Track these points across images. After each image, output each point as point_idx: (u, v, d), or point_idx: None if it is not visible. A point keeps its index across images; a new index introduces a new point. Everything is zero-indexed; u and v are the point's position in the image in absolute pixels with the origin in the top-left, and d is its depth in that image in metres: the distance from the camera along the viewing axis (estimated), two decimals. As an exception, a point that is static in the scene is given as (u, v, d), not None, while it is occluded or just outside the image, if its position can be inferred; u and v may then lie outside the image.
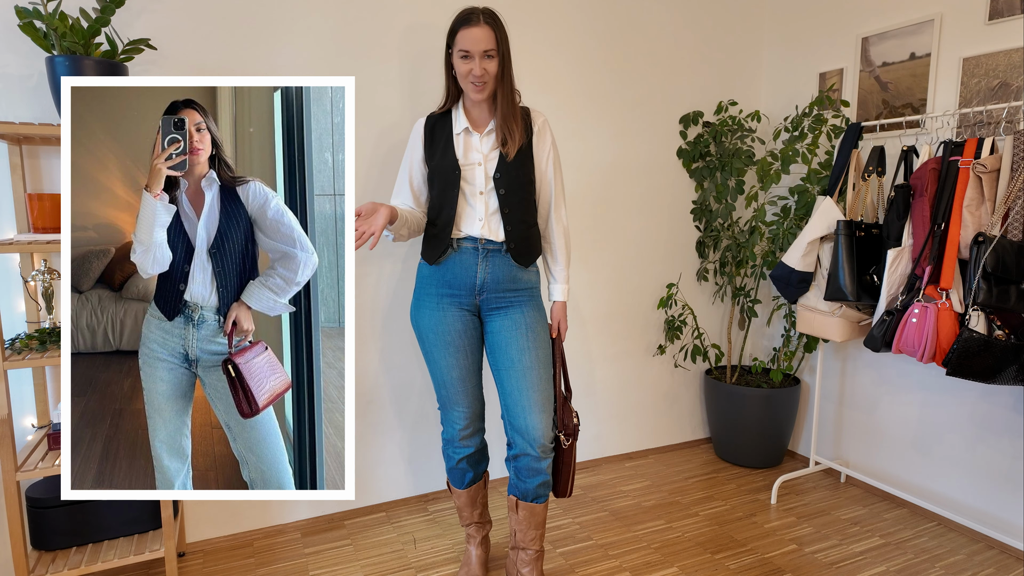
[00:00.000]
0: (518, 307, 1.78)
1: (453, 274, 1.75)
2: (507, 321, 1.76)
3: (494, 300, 1.77)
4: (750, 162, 2.65)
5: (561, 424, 1.84)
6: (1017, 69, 1.98)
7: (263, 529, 2.24)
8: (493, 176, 1.72)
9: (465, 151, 1.74)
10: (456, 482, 1.91)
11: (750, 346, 3.08)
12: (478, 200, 1.73)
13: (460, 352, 1.78)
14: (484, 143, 1.74)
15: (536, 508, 1.81)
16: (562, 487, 1.88)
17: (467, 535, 1.99)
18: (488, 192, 1.73)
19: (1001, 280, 1.76)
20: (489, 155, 1.73)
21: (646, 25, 2.65)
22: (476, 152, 1.74)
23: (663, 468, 2.79)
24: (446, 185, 1.73)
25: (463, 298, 1.77)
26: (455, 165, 1.72)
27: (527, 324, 1.76)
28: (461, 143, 1.74)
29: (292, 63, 2.06)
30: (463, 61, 1.65)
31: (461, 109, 1.76)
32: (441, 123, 1.78)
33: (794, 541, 2.18)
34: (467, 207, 1.74)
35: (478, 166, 1.73)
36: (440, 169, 1.74)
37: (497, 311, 1.78)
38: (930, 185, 1.95)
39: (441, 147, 1.75)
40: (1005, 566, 2.03)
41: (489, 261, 1.74)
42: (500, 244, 1.75)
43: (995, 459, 2.12)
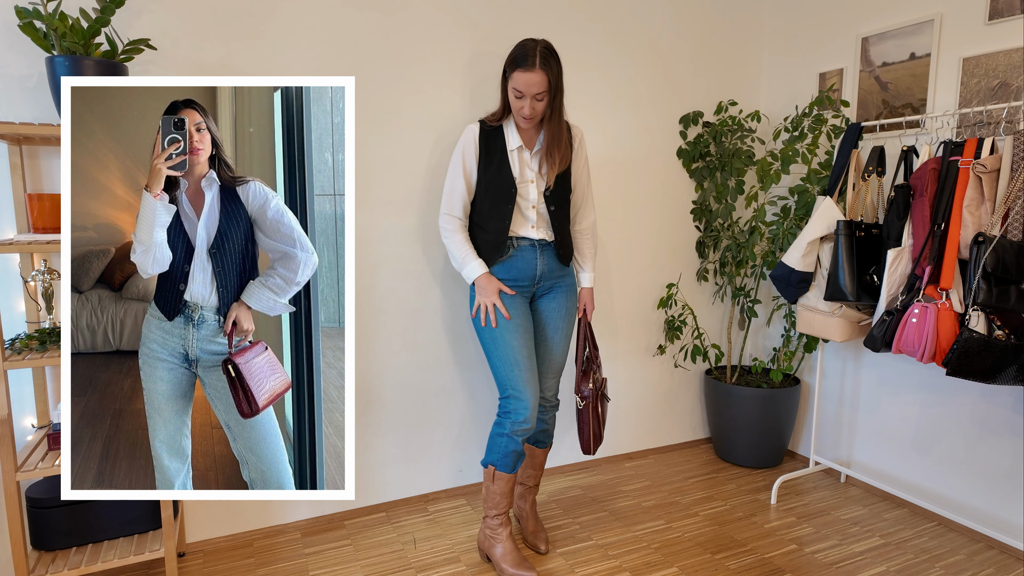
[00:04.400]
0: (562, 293, 2.05)
1: (518, 269, 1.96)
2: (554, 304, 2.04)
3: (547, 287, 2.03)
4: (750, 162, 2.65)
5: (577, 389, 2.09)
6: (1017, 69, 1.98)
7: (263, 529, 2.24)
8: (544, 193, 1.93)
9: (520, 169, 1.92)
10: (507, 467, 1.92)
11: (750, 346, 3.08)
12: (531, 212, 1.94)
13: (528, 334, 1.97)
14: (534, 161, 1.93)
15: (535, 451, 2.13)
16: (584, 444, 2.11)
17: (499, 523, 1.97)
18: (540, 205, 1.94)
19: (1001, 280, 1.76)
20: (540, 172, 1.93)
21: (646, 25, 2.65)
22: (529, 170, 1.93)
23: (663, 468, 2.79)
24: (502, 199, 1.91)
25: (525, 288, 1.99)
26: (511, 183, 1.90)
27: (566, 308, 2.06)
28: (516, 160, 1.91)
29: (292, 63, 2.06)
30: (516, 99, 1.82)
31: (513, 128, 1.92)
32: (494, 136, 1.92)
33: (794, 541, 2.18)
34: (521, 217, 1.95)
35: (531, 183, 1.92)
36: (496, 185, 1.91)
37: (547, 295, 2.04)
38: (930, 185, 1.95)
39: (496, 161, 1.91)
40: (1005, 566, 2.03)
41: (544, 255, 1.98)
42: (550, 241, 1.99)
43: (995, 459, 2.12)
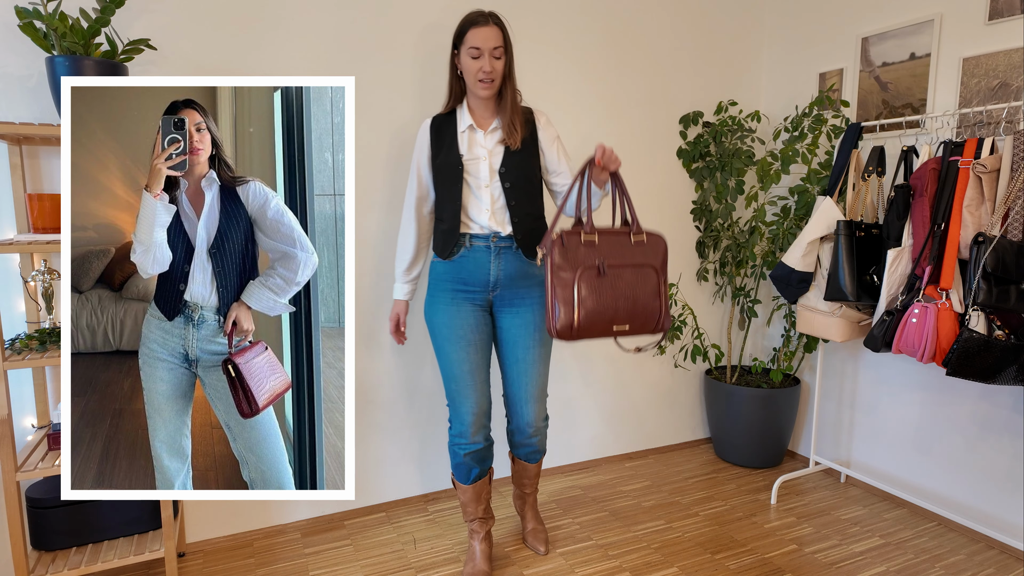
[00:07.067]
0: (529, 306, 1.85)
1: (468, 271, 1.82)
2: (518, 320, 1.85)
3: (507, 297, 1.85)
4: (750, 162, 2.65)
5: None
6: (1017, 69, 1.98)
7: (263, 529, 2.24)
8: (498, 170, 1.78)
9: (469, 146, 1.81)
10: (461, 477, 1.93)
11: (750, 346, 3.08)
12: (484, 192, 1.79)
13: (471, 347, 1.84)
14: (488, 139, 1.81)
15: (528, 466, 2.08)
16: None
17: (470, 530, 1.99)
18: (493, 185, 1.79)
19: (1001, 280, 1.76)
20: (494, 150, 1.80)
21: (646, 25, 2.65)
22: (480, 147, 1.80)
23: (663, 468, 2.79)
24: (450, 180, 1.80)
25: (477, 295, 1.84)
26: (458, 160, 1.79)
27: (535, 323, 1.86)
28: (465, 140, 1.82)
29: (292, 63, 2.06)
30: (473, 59, 1.73)
31: (465, 108, 1.84)
32: (446, 123, 1.85)
33: (794, 541, 2.18)
34: (473, 198, 1.79)
35: (483, 160, 1.79)
36: (444, 166, 1.81)
37: (509, 308, 1.86)
38: (930, 185, 1.95)
39: (446, 145, 1.82)
40: (1005, 566, 2.03)
41: (501, 258, 1.81)
42: (509, 240, 1.81)
43: (995, 459, 2.12)
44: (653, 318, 1.61)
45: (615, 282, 1.57)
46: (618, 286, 1.57)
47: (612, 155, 1.62)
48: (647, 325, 1.61)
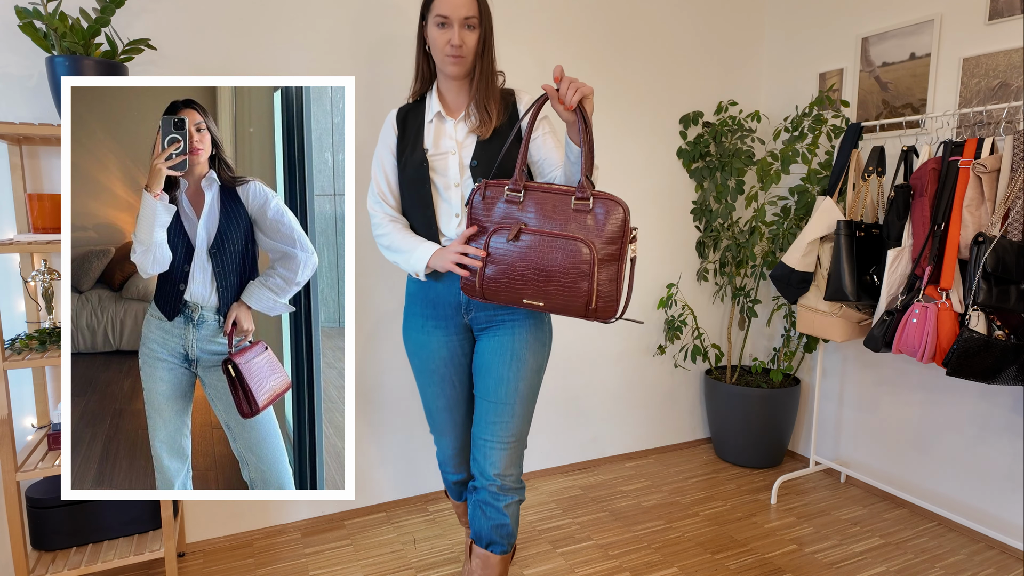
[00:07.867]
0: (509, 328, 1.52)
1: (436, 292, 1.54)
2: (493, 343, 1.53)
3: (482, 319, 1.54)
4: (750, 162, 2.65)
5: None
6: (1017, 69, 1.98)
7: (263, 529, 2.23)
8: (469, 164, 1.48)
9: (436, 139, 1.51)
10: (452, 495, 1.90)
11: (750, 346, 3.08)
12: (452, 193, 1.49)
13: (445, 382, 1.60)
14: (459, 129, 1.51)
15: (492, 559, 1.59)
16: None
17: (468, 532, 1.99)
18: (464, 184, 1.49)
19: (1001, 280, 1.76)
20: (464, 142, 1.50)
21: (646, 25, 2.65)
22: (448, 139, 1.51)
23: (663, 468, 2.79)
24: (416, 181, 1.50)
25: (449, 319, 1.55)
26: (422, 156, 1.50)
27: (513, 350, 1.51)
28: (432, 131, 1.52)
29: (292, 63, 2.06)
30: (440, 30, 1.42)
31: (435, 93, 1.54)
32: (414, 112, 1.56)
33: (794, 541, 2.18)
34: (441, 202, 1.50)
35: (451, 155, 1.50)
36: (409, 164, 1.51)
37: (488, 329, 1.54)
38: (930, 185, 1.95)
39: (412, 138, 1.53)
40: (1005, 566, 2.03)
41: None
42: None
43: (995, 459, 2.12)
44: (578, 301, 1.32)
45: (527, 252, 1.33)
46: (530, 257, 1.33)
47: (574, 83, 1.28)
48: (569, 308, 1.33)
